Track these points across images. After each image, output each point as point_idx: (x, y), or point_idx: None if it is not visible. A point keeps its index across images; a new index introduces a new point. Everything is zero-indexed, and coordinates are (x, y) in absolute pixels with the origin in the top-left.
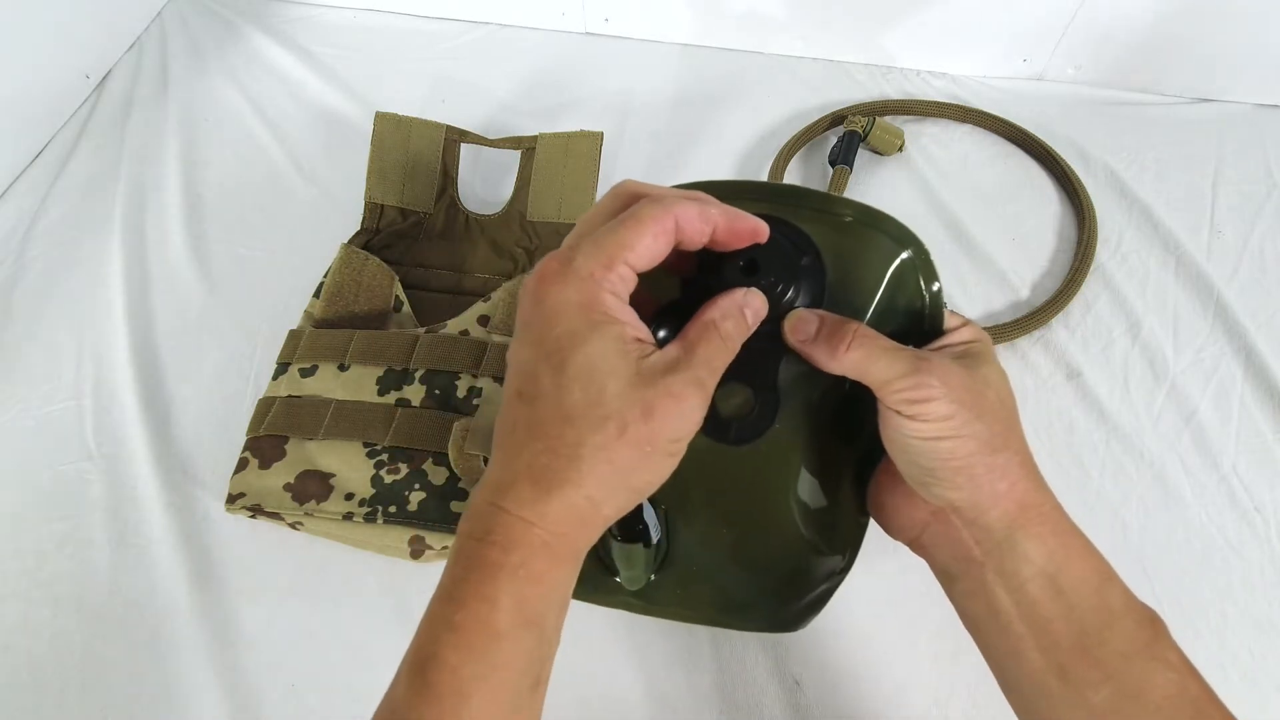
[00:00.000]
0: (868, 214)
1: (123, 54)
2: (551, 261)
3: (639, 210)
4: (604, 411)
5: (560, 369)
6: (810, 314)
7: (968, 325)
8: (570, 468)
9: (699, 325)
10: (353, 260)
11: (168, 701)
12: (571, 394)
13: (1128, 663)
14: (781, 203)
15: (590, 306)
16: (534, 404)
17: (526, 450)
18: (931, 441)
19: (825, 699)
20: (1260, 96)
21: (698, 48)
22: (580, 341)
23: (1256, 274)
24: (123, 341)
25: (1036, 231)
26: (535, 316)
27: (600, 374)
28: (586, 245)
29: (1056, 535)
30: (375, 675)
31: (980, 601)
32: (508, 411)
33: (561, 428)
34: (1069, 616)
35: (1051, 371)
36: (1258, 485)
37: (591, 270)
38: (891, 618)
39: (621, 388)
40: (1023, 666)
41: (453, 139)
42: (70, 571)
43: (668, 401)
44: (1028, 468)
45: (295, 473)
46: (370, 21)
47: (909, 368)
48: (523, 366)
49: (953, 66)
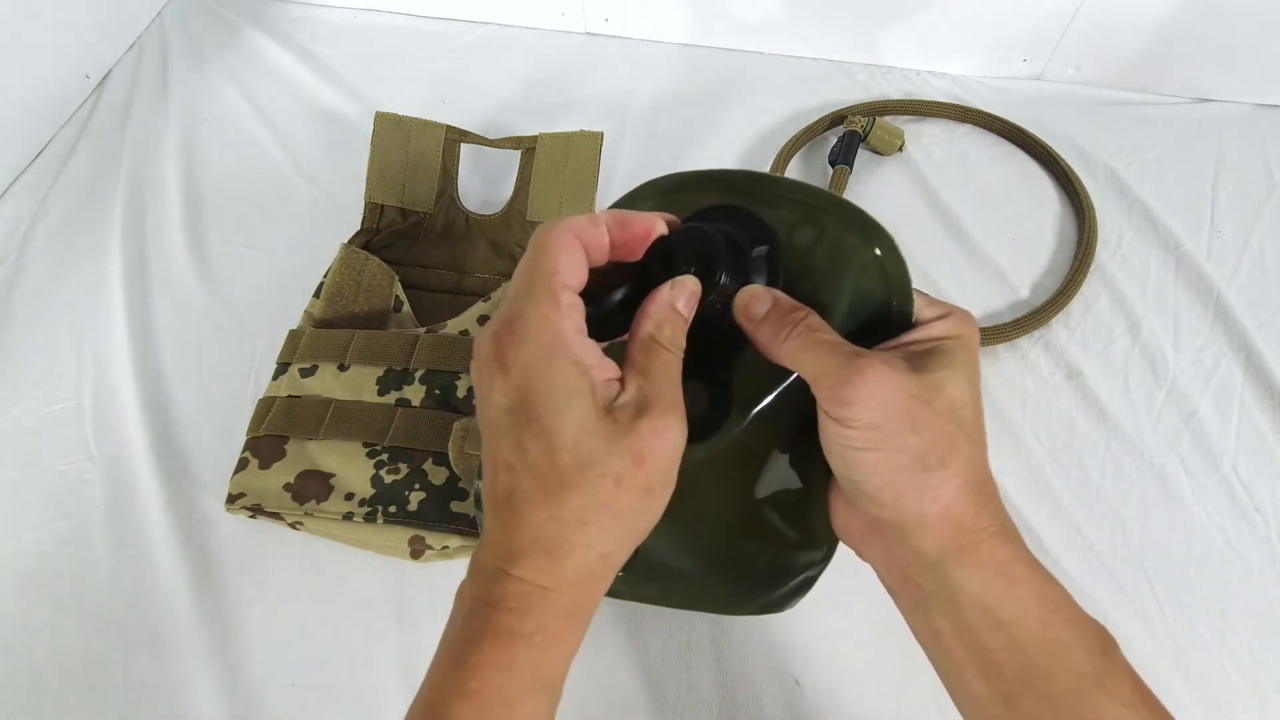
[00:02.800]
0: (834, 203)
1: (123, 54)
2: (498, 329)
3: (536, 239)
4: (598, 470)
5: (543, 435)
6: (765, 292)
7: (948, 317)
8: (579, 532)
9: (640, 344)
10: (353, 260)
11: (168, 701)
12: (561, 459)
13: (1077, 697)
14: (738, 191)
15: (554, 351)
16: (525, 473)
17: (530, 521)
18: (856, 451)
19: (825, 699)
20: (1260, 96)
21: (698, 48)
22: (557, 405)
23: (1256, 274)
24: (123, 341)
25: (1036, 231)
26: (503, 384)
27: (584, 434)
28: (519, 299)
29: (994, 563)
30: (375, 675)
31: (921, 619)
32: (497, 479)
33: (561, 495)
34: (1010, 647)
35: (1051, 371)
36: (1258, 485)
37: (543, 313)
38: (891, 618)
39: (607, 443)
40: (967, 692)
41: (453, 139)
42: (70, 571)
43: (652, 440)
44: (969, 487)
45: (295, 473)
46: (370, 21)
47: (839, 365)
48: (501, 434)
49: (953, 66)
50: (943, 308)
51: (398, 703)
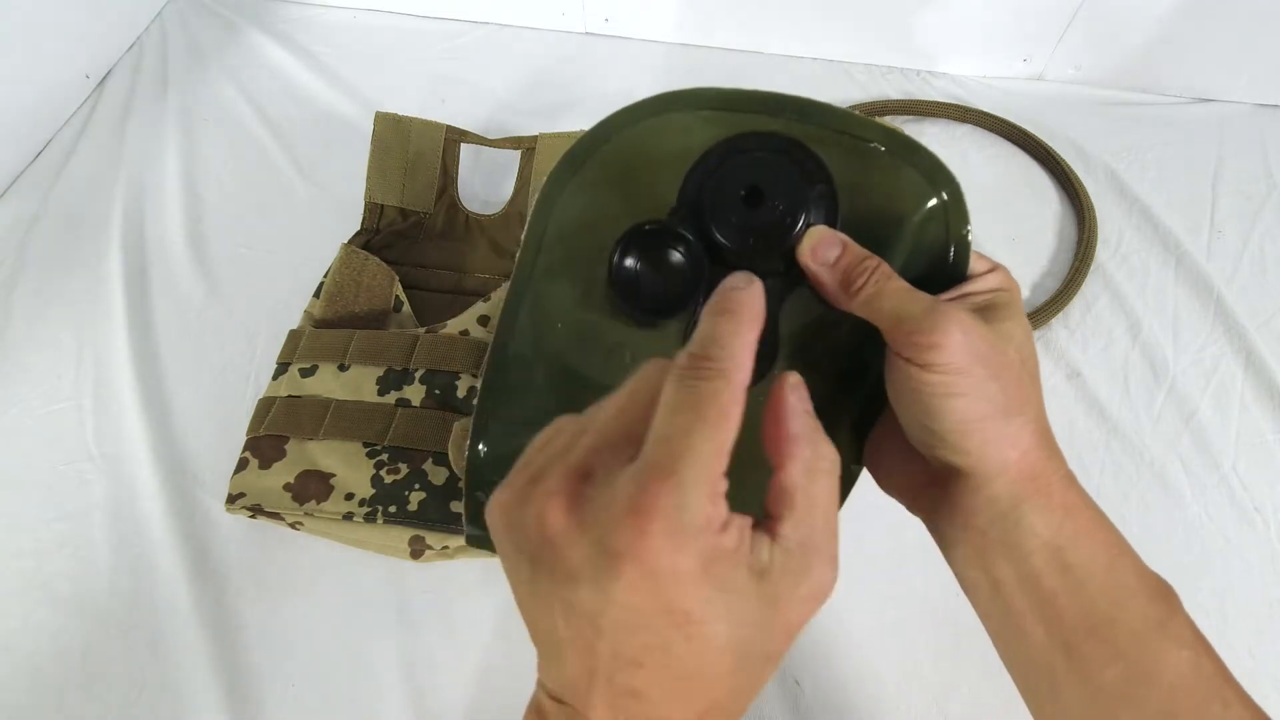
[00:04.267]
0: (899, 142)
1: (123, 54)
2: (653, 526)
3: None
4: (756, 658)
5: (699, 636)
6: (834, 235)
7: (996, 271)
8: (724, 713)
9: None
10: (353, 260)
11: (168, 701)
12: (722, 666)
13: (1139, 641)
14: (797, 120)
15: (712, 561)
16: (663, 674)
17: (663, 716)
18: (941, 399)
19: (825, 699)
20: (1260, 96)
21: (698, 48)
22: (712, 603)
23: (1256, 274)
24: (123, 341)
25: (1036, 231)
26: (641, 584)
27: (741, 623)
28: (686, 475)
29: (1066, 508)
30: (375, 675)
31: (980, 571)
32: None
33: (713, 693)
34: (1076, 593)
35: (1051, 371)
36: (1258, 485)
37: (707, 516)
38: (891, 618)
39: (761, 619)
40: (1024, 641)
41: (453, 139)
42: (70, 571)
43: (808, 609)
44: (1042, 434)
45: (295, 473)
46: (370, 21)
47: (922, 310)
48: (631, 631)
49: (953, 66)
50: (988, 260)
51: (398, 703)
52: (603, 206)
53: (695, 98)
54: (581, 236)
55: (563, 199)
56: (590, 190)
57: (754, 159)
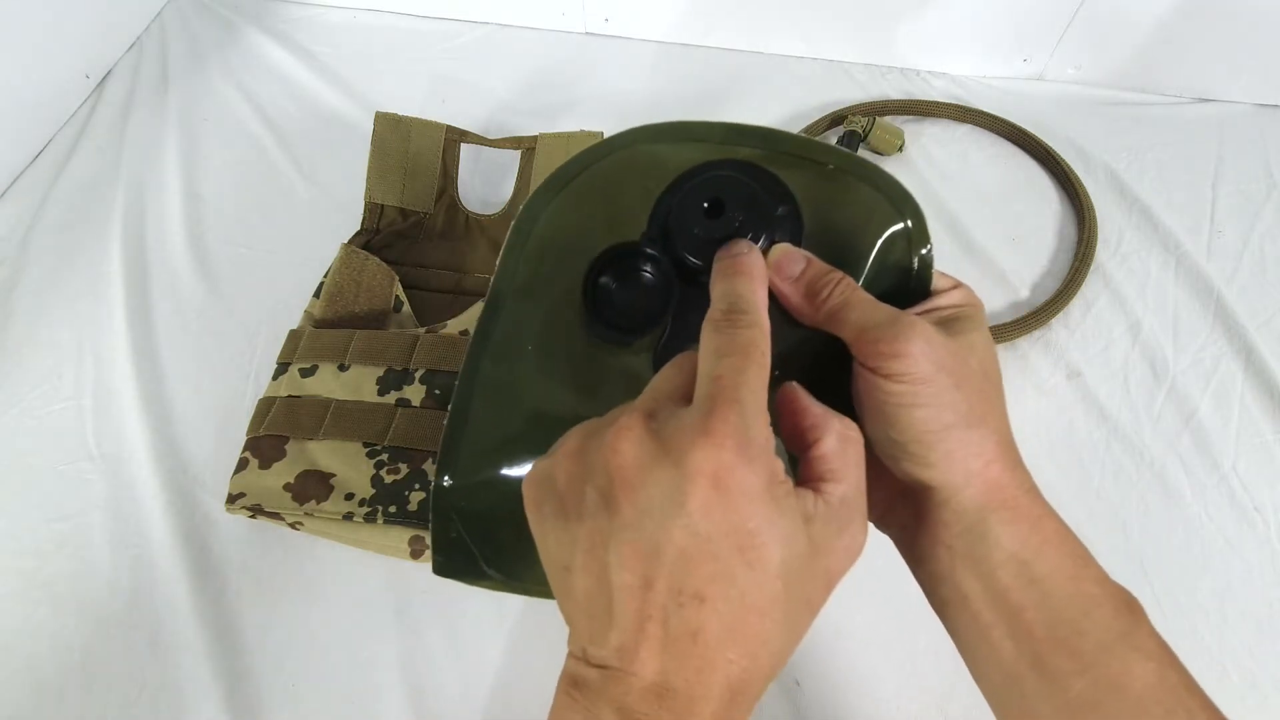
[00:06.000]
0: (859, 167)
1: (123, 54)
2: (727, 442)
3: (734, 294)
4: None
5: (760, 564)
6: (797, 252)
7: (959, 288)
8: (766, 671)
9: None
10: (353, 260)
11: (168, 702)
12: (772, 589)
13: (1106, 652)
14: (762, 147)
15: (774, 482)
16: (725, 607)
17: (719, 661)
18: (906, 409)
19: (825, 700)
20: (1260, 96)
21: (698, 48)
22: (771, 523)
23: (1256, 274)
24: (123, 341)
25: (1036, 231)
26: (720, 503)
27: (795, 558)
28: (747, 402)
29: (1030, 519)
30: (375, 675)
31: (948, 586)
32: (679, 613)
33: (754, 628)
34: (1042, 605)
35: (1051, 372)
36: (1258, 485)
37: (767, 438)
38: (891, 618)
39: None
40: (993, 655)
41: (453, 139)
42: (70, 571)
43: (847, 560)
44: (1004, 445)
45: (295, 473)
46: (370, 21)
47: (886, 320)
48: (699, 561)
49: (953, 66)
50: (951, 279)
51: (398, 703)
52: (578, 231)
53: (664, 131)
54: (557, 259)
55: (540, 223)
56: (566, 215)
57: (718, 178)
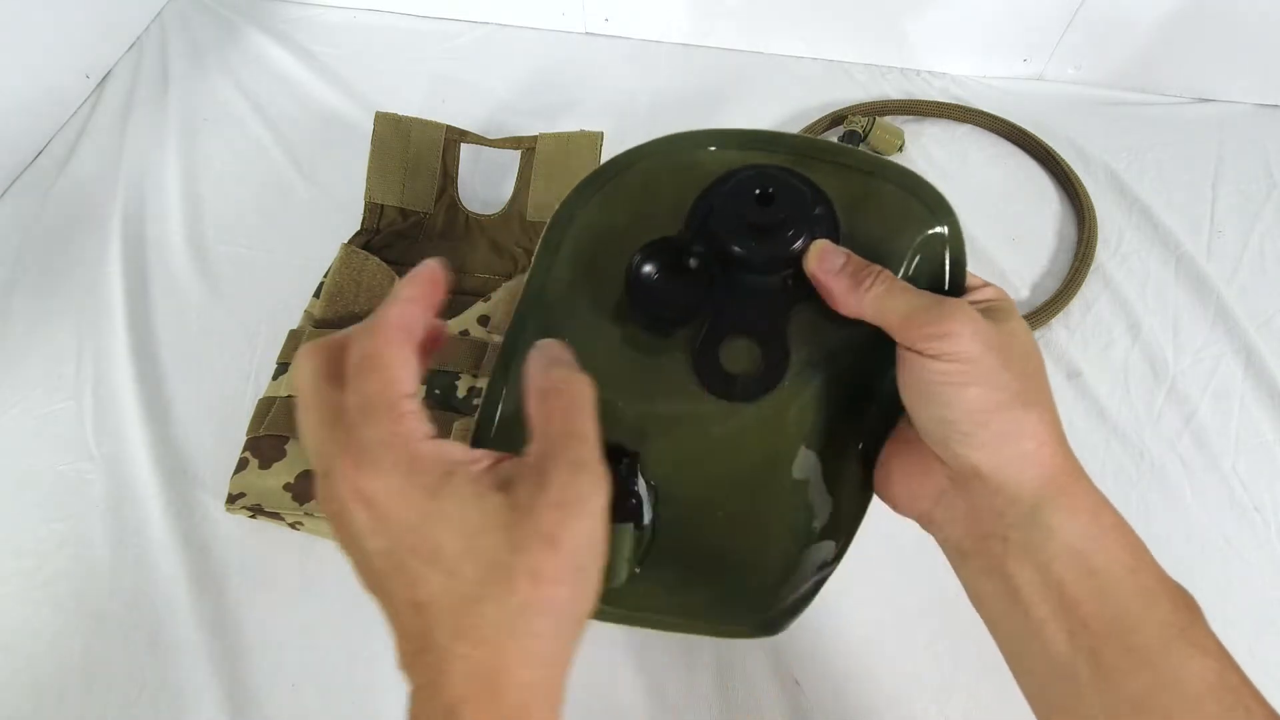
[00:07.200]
0: (895, 173)
1: (123, 54)
2: (346, 466)
3: (363, 354)
4: (506, 571)
5: (437, 557)
6: (837, 248)
7: (990, 286)
8: (512, 650)
9: (533, 399)
10: (353, 260)
11: (168, 701)
12: (464, 574)
13: (1165, 649)
14: (801, 155)
15: (416, 465)
16: (434, 609)
17: (455, 658)
18: (956, 387)
19: (825, 699)
20: (1260, 96)
21: (698, 48)
22: (439, 516)
23: (1256, 274)
24: (123, 341)
25: (1036, 231)
26: (374, 522)
27: (478, 534)
28: (358, 427)
29: (1088, 509)
30: (375, 674)
31: (997, 579)
32: (408, 627)
33: (477, 613)
34: (1101, 598)
35: (1051, 372)
36: (1258, 485)
37: (390, 432)
38: (891, 618)
39: (507, 536)
40: (1044, 650)
41: (453, 139)
42: (70, 571)
43: (558, 515)
44: (1057, 430)
45: (295, 473)
46: (370, 21)
47: (931, 303)
48: (392, 577)
49: (953, 66)
50: (980, 279)
51: (398, 703)
52: (615, 229)
53: (701, 138)
54: (594, 255)
55: (582, 215)
56: (603, 215)
57: (765, 174)
